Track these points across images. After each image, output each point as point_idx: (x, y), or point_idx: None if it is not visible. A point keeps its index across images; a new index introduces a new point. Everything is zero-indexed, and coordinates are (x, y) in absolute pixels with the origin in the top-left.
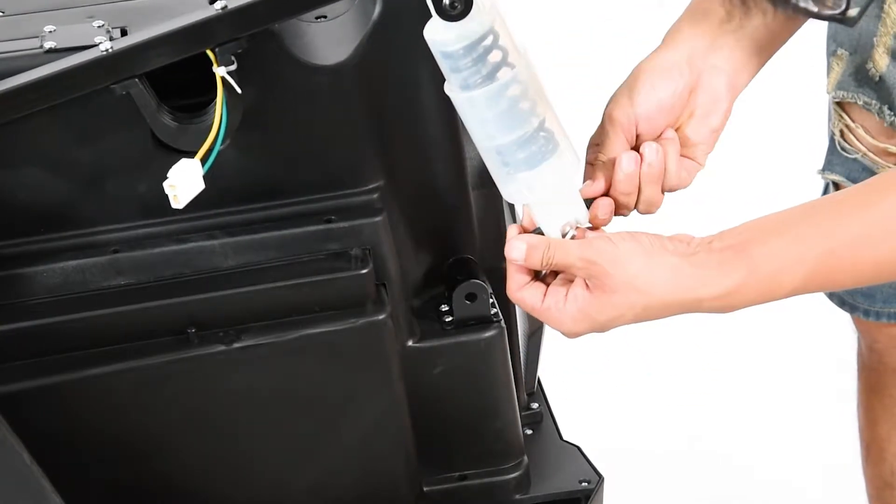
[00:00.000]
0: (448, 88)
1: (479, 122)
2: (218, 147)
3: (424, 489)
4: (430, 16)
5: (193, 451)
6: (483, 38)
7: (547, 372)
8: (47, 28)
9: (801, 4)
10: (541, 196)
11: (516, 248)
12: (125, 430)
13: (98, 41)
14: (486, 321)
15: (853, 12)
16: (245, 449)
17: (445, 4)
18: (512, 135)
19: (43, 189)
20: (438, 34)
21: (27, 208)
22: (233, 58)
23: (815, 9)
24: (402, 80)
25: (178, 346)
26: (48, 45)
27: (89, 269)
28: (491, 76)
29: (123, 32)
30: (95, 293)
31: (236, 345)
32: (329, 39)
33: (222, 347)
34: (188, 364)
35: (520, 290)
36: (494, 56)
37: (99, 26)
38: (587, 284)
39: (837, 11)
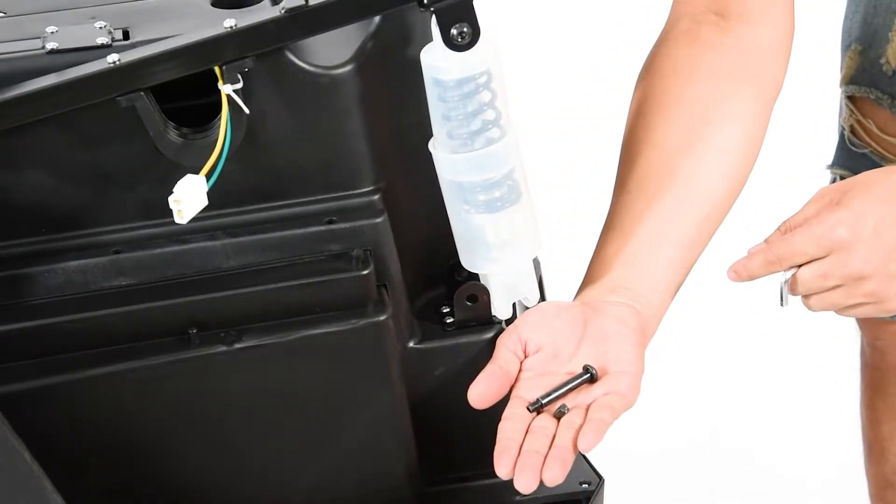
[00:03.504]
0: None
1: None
2: (222, 164)
3: (425, 490)
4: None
5: (194, 452)
6: (479, 75)
7: None
8: (49, 29)
9: None
10: (493, 240)
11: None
12: (126, 431)
13: (100, 42)
14: (487, 323)
15: None
16: (246, 449)
17: (453, 34)
18: (479, 176)
19: (45, 190)
20: (436, 60)
21: (29, 209)
22: (239, 76)
23: None
24: (403, 81)
25: (179, 346)
26: (50, 45)
27: (91, 269)
28: (475, 115)
29: (125, 34)
30: (97, 294)
31: (237, 345)
32: (331, 41)
33: (223, 348)
34: (189, 364)
35: None
36: (483, 96)
37: (101, 27)
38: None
39: None
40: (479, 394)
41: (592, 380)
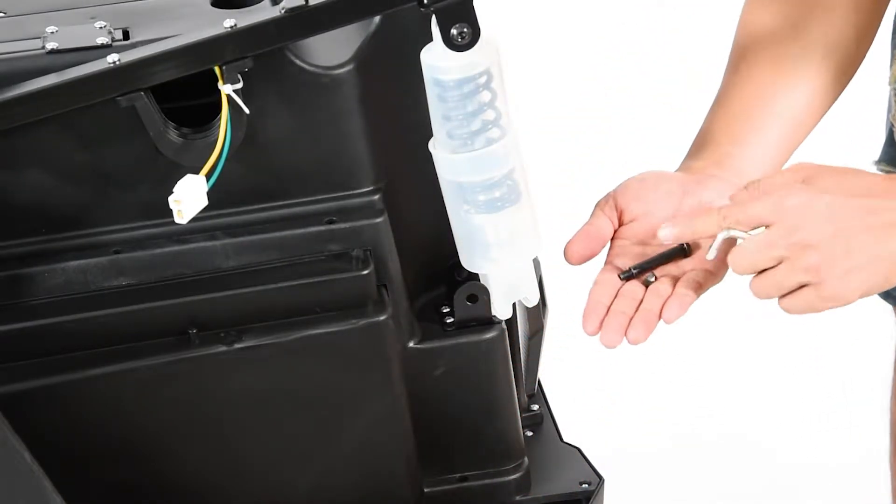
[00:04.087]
0: (432, 145)
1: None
2: (222, 164)
3: (425, 490)
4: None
5: (194, 452)
6: (479, 76)
7: (547, 373)
8: (49, 29)
9: None
10: (494, 240)
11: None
12: (126, 431)
13: (100, 42)
14: (486, 322)
15: None
16: (245, 449)
17: (453, 34)
18: (479, 175)
19: (45, 190)
20: (436, 60)
21: (29, 209)
22: (239, 76)
23: None
24: (403, 81)
25: (179, 346)
26: (50, 45)
27: (91, 269)
28: (475, 115)
29: (125, 34)
30: (97, 294)
31: (237, 345)
32: (331, 41)
33: (223, 348)
34: (189, 364)
35: None
36: (483, 96)
37: (101, 27)
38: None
39: None
40: (575, 251)
41: (685, 254)
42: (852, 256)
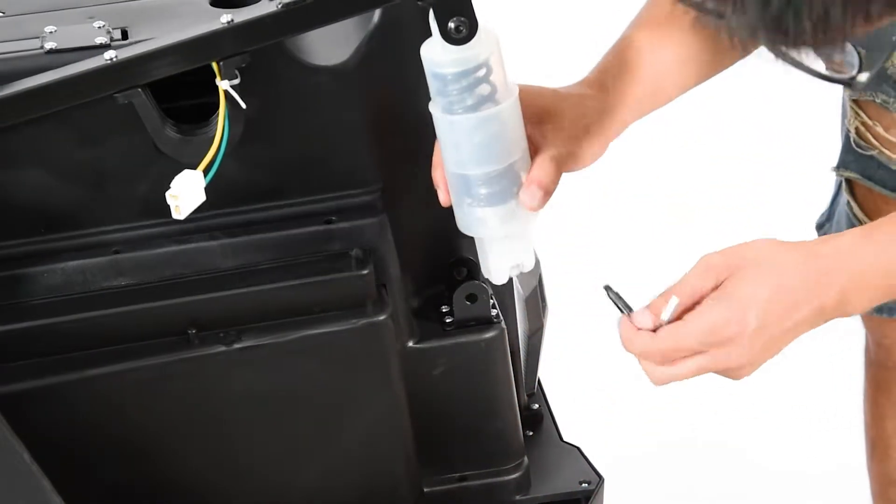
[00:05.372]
0: (432, 106)
1: (453, 147)
2: (220, 160)
3: (424, 490)
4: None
5: (194, 452)
6: (477, 68)
7: (547, 373)
8: (48, 28)
9: (805, 63)
10: (492, 234)
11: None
12: (125, 431)
13: (99, 42)
14: (486, 322)
15: (863, 77)
16: (245, 450)
17: (451, 28)
18: (481, 168)
19: (44, 189)
20: (435, 54)
21: (28, 209)
22: (237, 72)
23: (821, 70)
24: (403, 81)
25: (179, 346)
26: (49, 45)
27: (90, 269)
28: (475, 107)
29: (124, 33)
30: (96, 293)
31: (236, 345)
32: (330, 40)
33: (222, 348)
34: (188, 364)
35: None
36: (483, 89)
37: (99, 27)
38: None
39: (846, 77)
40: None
41: None
42: (769, 354)
